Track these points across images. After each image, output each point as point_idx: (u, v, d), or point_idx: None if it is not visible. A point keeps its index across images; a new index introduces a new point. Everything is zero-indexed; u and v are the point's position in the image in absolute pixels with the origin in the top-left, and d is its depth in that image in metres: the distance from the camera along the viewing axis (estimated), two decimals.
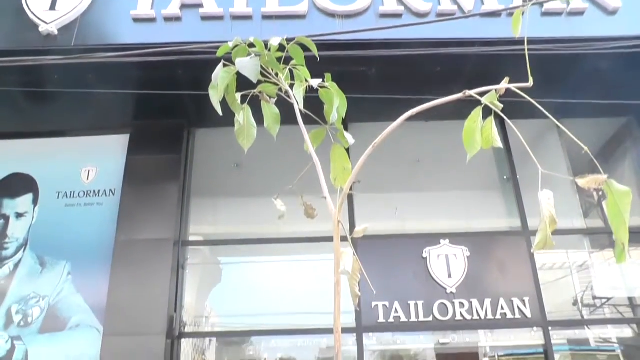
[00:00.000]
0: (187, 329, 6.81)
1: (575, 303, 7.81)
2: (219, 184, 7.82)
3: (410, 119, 1.96)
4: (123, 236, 6.53)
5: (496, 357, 10.83)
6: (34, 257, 6.83)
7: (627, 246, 1.84)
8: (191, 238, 7.19)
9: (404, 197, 7.58)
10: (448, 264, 6.71)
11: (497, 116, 1.84)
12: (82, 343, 6.36)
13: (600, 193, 8.44)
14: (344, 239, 1.94)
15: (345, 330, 6.61)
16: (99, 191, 7.10)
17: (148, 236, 6.52)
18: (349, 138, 2.35)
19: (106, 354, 6.08)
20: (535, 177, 1.79)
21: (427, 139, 7.64)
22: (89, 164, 7.30)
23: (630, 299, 7.56)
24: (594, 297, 7.77)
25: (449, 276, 6.65)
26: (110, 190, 7.07)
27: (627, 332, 7.95)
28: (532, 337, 6.69)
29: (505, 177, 7.48)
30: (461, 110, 1.96)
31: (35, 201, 7.16)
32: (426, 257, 6.76)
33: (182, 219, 6.88)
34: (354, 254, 1.90)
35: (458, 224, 7.18)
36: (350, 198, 7.00)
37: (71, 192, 7.14)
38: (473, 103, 1.90)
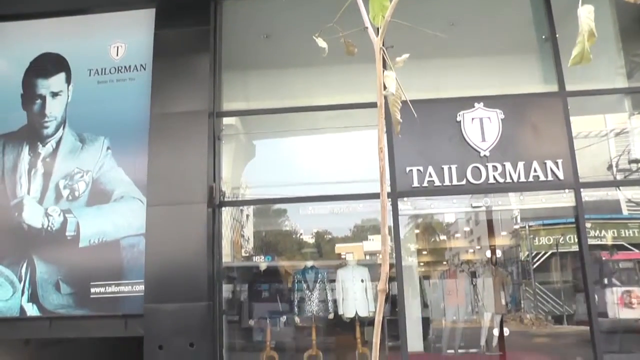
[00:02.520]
0: (226, 199, 7.05)
1: (609, 167, 7.78)
2: (249, 56, 7.71)
3: None
4: (158, 109, 6.61)
5: (526, 227, 11.13)
6: (74, 134, 7.03)
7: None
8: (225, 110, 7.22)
9: (438, 62, 7.37)
10: (482, 127, 6.65)
11: None
12: (128, 213, 6.69)
13: None
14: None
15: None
16: (129, 67, 7.11)
17: (182, 109, 6.59)
18: None
19: (151, 223, 6.40)
20: (573, 37, 1.71)
21: (462, 1, 7.28)
22: (117, 40, 7.24)
23: None
24: (630, 161, 7.71)
25: (483, 139, 6.62)
26: (141, 65, 7.06)
27: None
28: (563, 199, 6.74)
29: (543, 37, 7.15)
30: None
31: (68, 80, 7.23)
32: (460, 121, 6.69)
33: (215, 90, 6.88)
34: (396, 78, 1.89)
35: (493, 88, 7.01)
36: (383, 64, 6.83)
37: (102, 69, 7.16)
38: None
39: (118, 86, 7.08)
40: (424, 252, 10.73)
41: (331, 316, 7.47)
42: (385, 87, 1.90)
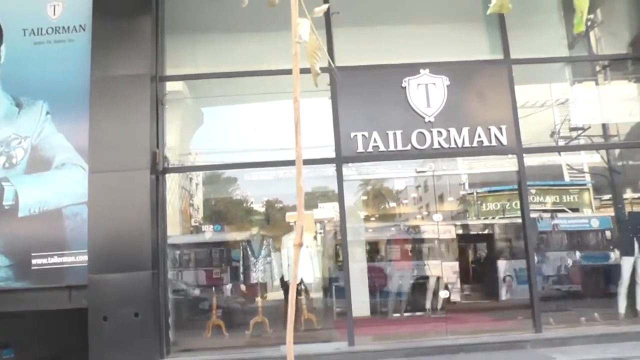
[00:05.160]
0: (171, 166, 6.91)
1: (552, 134, 8.01)
2: (196, 20, 7.48)
3: None
4: (98, 73, 6.35)
5: (474, 193, 11.39)
6: (9, 98, 6.69)
7: (585, 15, 1.82)
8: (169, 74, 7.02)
9: (385, 28, 7.35)
10: (427, 93, 6.70)
11: None
12: (69, 181, 6.47)
13: (589, 23, 8.26)
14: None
15: (325, 161, 6.78)
16: (68, 27, 6.77)
17: (124, 72, 6.35)
18: None
19: (94, 190, 6.20)
20: (519, 5, 1.71)
21: None
22: None
23: (604, 126, 7.77)
24: (571, 129, 7.95)
25: (428, 105, 6.68)
26: (80, 25, 6.74)
27: (596, 158, 8.30)
28: (507, 164, 6.91)
29: (489, 5, 7.18)
30: None
31: (0, 40, 6.85)
32: (405, 87, 6.72)
33: (158, 54, 6.66)
34: (311, 26, 1.84)
35: (439, 54, 7.05)
36: (329, 32, 6.78)
37: (38, 29, 6.79)
38: None
39: (56, 47, 6.75)
40: (372, 219, 10.88)
41: (277, 283, 7.50)
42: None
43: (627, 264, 7.20)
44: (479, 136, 6.65)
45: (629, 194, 8.27)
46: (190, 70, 7.46)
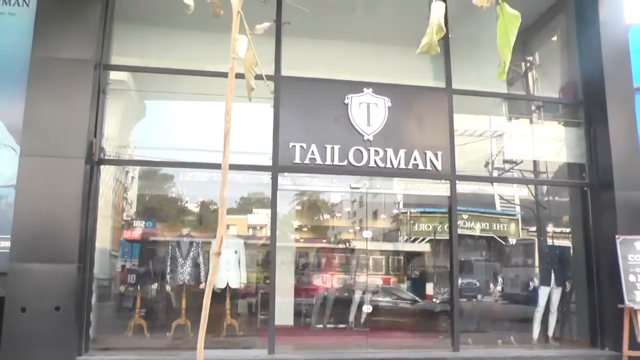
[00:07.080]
0: (107, 157, 6.75)
1: (486, 164, 8.36)
2: (147, 12, 7.38)
3: None
4: (39, 52, 6.09)
5: (408, 213, 11.70)
6: None
7: (508, 65, 1.99)
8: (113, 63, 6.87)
9: (334, 44, 7.52)
10: (368, 112, 6.89)
11: None
12: None
13: (528, 64, 8.73)
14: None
15: (261, 169, 6.83)
16: (9, 0, 6.53)
17: (66, 55, 6.12)
18: None
19: (23, 174, 5.91)
20: (465, 39, 1.84)
21: None
22: None
23: (534, 162, 8.18)
24: (504, 161, 8.33)
25: (368, 124, 6.86)
26: (24, 0, 6.51)
27: (525, 191, 8.72)
28: (440, 188, 7.16)
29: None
30: None
31: None
32: (348, 104, 6.89)
33: (104, 40, 6.50)
34: (249, 42, 1.91)
35: (384, 76, 7.26)
36: (278, 41, 6.86)
37: None
38: None
39: None
40: (305, 229, 10.98)
41: (202, 286, 7.43)
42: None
43: (543, 292, 7.66)
44: (415, 159, 6.89)
45: (551, 228, 8.70)
46: (136, 61, 7.30)
